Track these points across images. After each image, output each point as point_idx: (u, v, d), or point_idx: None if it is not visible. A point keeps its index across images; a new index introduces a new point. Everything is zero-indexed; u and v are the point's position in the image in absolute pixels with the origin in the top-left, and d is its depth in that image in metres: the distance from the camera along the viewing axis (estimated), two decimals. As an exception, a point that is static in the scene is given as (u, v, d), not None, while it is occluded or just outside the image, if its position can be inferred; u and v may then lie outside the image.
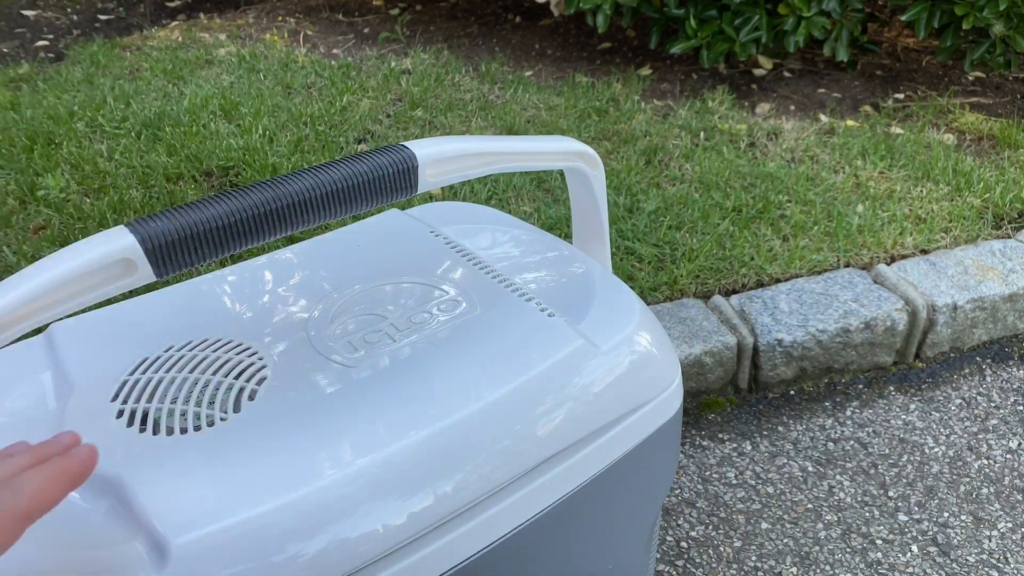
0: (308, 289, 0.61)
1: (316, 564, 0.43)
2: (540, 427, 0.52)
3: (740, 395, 1.33)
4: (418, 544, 0.47)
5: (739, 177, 1.70)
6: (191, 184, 1.67)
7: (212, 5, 3.00)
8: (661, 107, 2.09)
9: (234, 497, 0.43)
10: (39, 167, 1.73)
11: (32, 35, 2.79)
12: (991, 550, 1.06)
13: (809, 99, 2.18)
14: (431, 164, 0.50)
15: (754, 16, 2.07)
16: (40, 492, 0.37)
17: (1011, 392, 1.33)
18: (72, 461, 0.40)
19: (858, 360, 1.35)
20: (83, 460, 0.40)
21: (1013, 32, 1.95)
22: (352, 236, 0.70)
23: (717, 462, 1.20)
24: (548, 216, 1.54)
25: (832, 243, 1.49)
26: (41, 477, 0.38)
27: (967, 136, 1.96)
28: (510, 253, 0.67)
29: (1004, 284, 1.40)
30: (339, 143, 1.84)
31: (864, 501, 1.13)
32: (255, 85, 2.16)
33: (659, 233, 1.50)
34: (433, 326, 0.57)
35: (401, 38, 2.61)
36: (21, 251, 1.45)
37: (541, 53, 2.50)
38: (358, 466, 0.46)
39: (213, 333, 0.56)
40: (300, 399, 0.50)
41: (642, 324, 0.60)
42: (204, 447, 0.46)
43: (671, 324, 1.29)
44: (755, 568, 1.04)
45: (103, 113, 1.97)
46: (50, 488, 0.38)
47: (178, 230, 0.42)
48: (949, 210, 1.60)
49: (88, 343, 0.57)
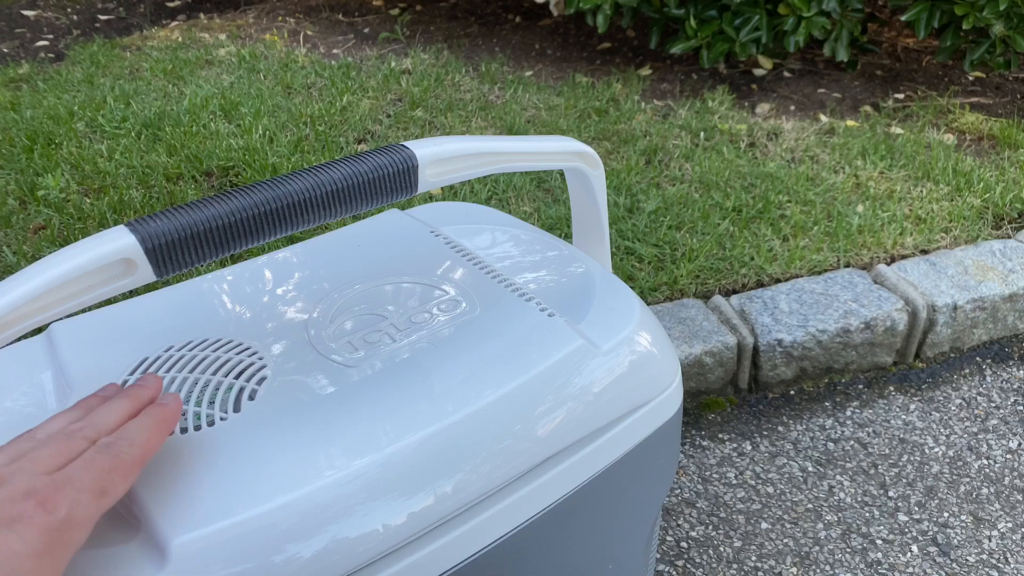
0: (308, 289, 0.61)
1: (316, 564, 0.43)
2: (540, 427, 0.52)
3: (740, 395, 1.33)
4: (418, 544, 0.47)
5: (739, 177, 1.70)
6: (191, 184, 1.67)
7: (212, 5, 3.00)
8: (661, 107, 2.09)
9: (234, 497, 0.43)
10: (39, 167, 1.73)
11: (32, 35, 2.79)
12: (991, 550, 1.06)
13: (809, 99, 2.18)
14: (431, 164, 0.50)
15: (754, 16, 2.07)
16: (149, 442, 0.41)
17: (1011, 392, 1.33)
18: (167, 410, 0.43)
19: (858, 360, 1.35)
20: (175, 409, 0.44)
21: (1013, 32, 1.95)
22: (352, 236, 0.70)
23: (717, 462, 1.20)
24: (548, 216, 1.54)
25: (832, 243, 1.49)
26: (148, 427, 0.41)
27: (967, 136, 1.96)
28: (510, 253, 0.67)
29: (1004, 284, 1.40)
30: (339, 143, 1.84)
31: (864, 501, 1.13)
32: (255, 85, 2.16)
33: (659, 233, 1.50)
34: (433, 326, 0.57)
35: (401, 38, 2.61)
36: (21, 251, 1.45)
37: (541, 53, 2.50)
38: (358, 466, 0.46)
39: (213, 333, 0.56)
40: (300, 399, 0.50)
41: (642, 324, 0.60)
42: (204, 447, 0.46)
43: (671, 324, 1.29)
44: (755, 568, 1.04)
45: (103, 113, 1.97)
46: (156, 437, 0.41)
47: (178, 230, 0.42)
48: (949, 210, 1.60)
49: (88, 343, 0.57)
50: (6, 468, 0.36)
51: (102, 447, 0.39)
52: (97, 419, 0.41)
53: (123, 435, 0.40)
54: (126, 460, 0.39)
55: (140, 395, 0.44)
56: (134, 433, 0.40)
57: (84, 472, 0.37)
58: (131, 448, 0.39)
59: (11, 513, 0.33)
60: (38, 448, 0.38)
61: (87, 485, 0.36)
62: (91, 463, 0.38)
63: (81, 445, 0.39)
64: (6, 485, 0.35)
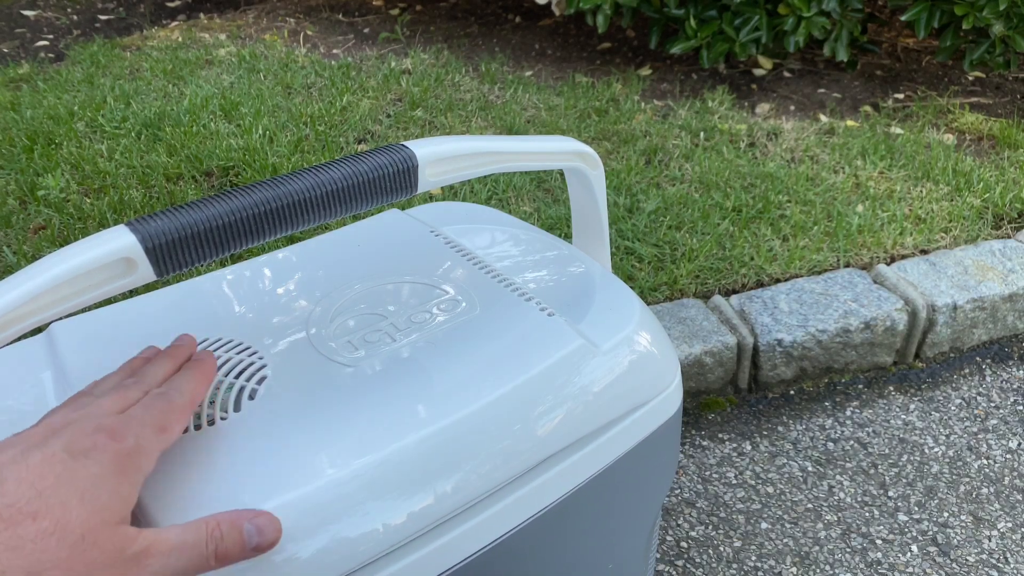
0: (308, 289, 0.62)
1: (316, 563, 0.43)
2: (540, 426, 0.52)
3: (740, 395, 1.33)
4: (418, 544, 0.47)
5: (739, 177, 1.70)
6: (191, 184, 1.67)
7: (212, 5, 3.00)
8: (661, 107, 2.09)
9: (234, 496, 0.43)
10: (39, 167, 1.73)
11: (32, 35, 2.79)
12: (991, 550, 1.06)
13: (809, 99, 2.18)
14: (431, 164, 0.50)
15: (754, 16, 2.07)
16: (195, 391, 0.45)
17: (1011, 392, 1.33)
18: (206, 364, 0.48)
19: (858, 360, 1.35)
20: (212, 363, 0.49)
21: (1013, 32, 1.95)
22: (352, 236, 0.70)
23: (717, 462, 1.20)
24: (548, 216, 1.54)
25: (832, 243, 1.49)
26: (193, 378, 0.46)
27: (967, 136, 1.96)
28: (510, 253, 0.67)
29: (1004, 284, 1.40)
30: (339, 143, 1.84)
31: (864, 501, 1.13)
32: (255, 85, 2.16)
33: (659, 233, 1.50)
34: (433, 326, 0.57)
35: (401, 38, 2.61)
36: (21, 251, 1.45)
37: (541, 53, 2.50)
38: (358, 465, 0.46)
39: (213, 333, 0.56)
40: (300, 398, 0.50)
41: (642, 324, 0.60)
42: (204, 446, 0.46)
43: (671, 324, 1.29)
44: (755, 568, 1.04)
45: (103, 113, 1.97)
46: (200, 387, 0.46)
47: (178, 230, 0.42)
48: (949, 210, 1.60)
49: (88, 343, 0.57)
50: (73, 414, 0.40)
51: (156, 395, 0.43)
52: (147, 374, 0.46)
53: (172, 385, 0.44)
54: (179, 404, 0.43)
55: (179, 353, 0.49)
56: (182, 383, 0.45)
57: (145, 412, 0.41)
58: (181, 395, 0.44)
59: (85, 445, 0.37)
60: (99, 399, 0.42)
61: (149, 422, 0.41)
62: (150, 406, 0.42)
63: (136, 395, 0.43)
64: (76, 424, 0.39)
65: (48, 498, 0.34)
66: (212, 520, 0.40)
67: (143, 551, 0.37)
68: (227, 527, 0.40)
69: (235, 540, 0.40)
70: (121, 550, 0.36)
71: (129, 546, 0.36)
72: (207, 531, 0.39)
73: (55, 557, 0.33)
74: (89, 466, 0.36)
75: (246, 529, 0.40)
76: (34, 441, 0.37)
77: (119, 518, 0.36)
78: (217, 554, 0.39)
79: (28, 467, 0.35)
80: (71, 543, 0.34)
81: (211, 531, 0.39)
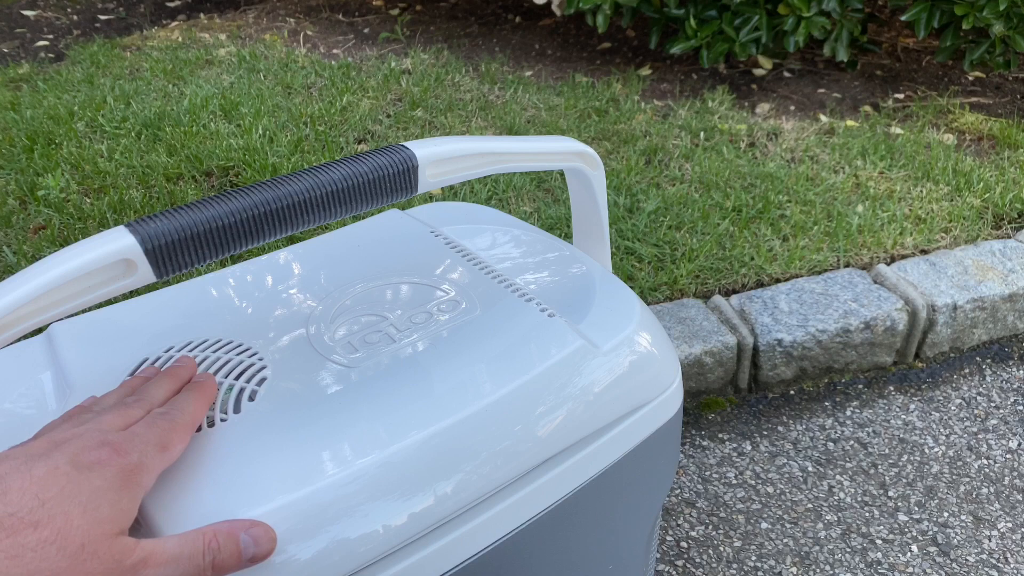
0: (308, 289, 0.61)
1: (316, 565, 0.43)
2: (540, 427, 0.52)
3: (740, 395, 1.33)
4: (418, 545, 0.47)
5: (739, 177, 1.70)
6: (191, 184, 1.67)
7: (212, 5, 3.00)
8: (661, 107, 2.09)
9: (234, 497, 0.43)
10: (39, 167, 1.73)
11: (32, 35, 2.79)
12: (991, 550, 1.06)
13: (809, 99, 2.18)
14: (431, 164, 0.50)
15: (754, 16, 2.07)
16: (196, 411, 0.46)
17: (1011, 392, 1.33)
18: (206, 386, 0.48)
19: (858, 360, 1.35)
20: (213, 385, 0.49)
21: (1013, 32, 1.95)
22: (352, 236, 0.69)
23: (717, 462, 1.20)
24: (548, 216, 1.54)
25: (832, 243, 1.49)
26: (194, 399, 0.46)
27: (967, 136, 1.96)
28: (510, 253, 0.67)
29: (1004, 284, 1.40)
30: (339, 143, 1.84)
31: (864, 501, 1.13)
32: (255, 85, 2.16)
33: (659, 233, 1.50)
34: (433, 326, 0.57)
35: (401, 38, 2.61)
36: (21, 251, 1.45)
37: (541, 53, 2.50)
38: (358, 466, 0.46)
39: (213, 334, 0.56)
40: (300, 400, 0.50)
41: (642, 324, 0.60)
42: (205, 447, 0.46)
43: (671, 324, 1.29)
44: (755, 568, 1.04)
45: (103, 113, 1.97)
46: (200, 408, 0.46)
47: (178, 230, 0.42)
48: (949, 210, 1.60)
49: (88, 343, 0.57)
50: (77, 428, 0.41)
51: (158, 414, 0.44)
52: (148, 393, 0.46)
53: (175, 405, 0.45)
54: (181, 423, 0.44)
55: (180, 374, 0.49)
56: (184, 403, 0.45)
57: (148, 430, 0.42)
58: (184, 415, 0.44)
59: (90, 459, 0.38)
60: (101, 414, 0.42)
61: (152, 440, 0.41)
62: (153, 424, 0.42)
63: (139, 413, 0.44)
64: (81, 438, 0.39)
65: (50, 508, 0.35)
66: (209, 531, 0.40)
67: (141, 562, 0.37)
68: (224, 538, 0.40)
69: (231, 551, 0.40)
70: (119, 561, 0.36)
71: (127, 557, 0.37)
72: (204, 542, 0.39)
73: (55, 566, 0.34)
74: (93, 479, 0.37)
75: (242, 540, 0.40)
76: (37, 453, 0.38)
77: (118, 530, 0.37)
78: (214, 565, 0.39)
79: (32, 477, 0.36)
80: (71, 553, 0.35)
81: (208, 542, 0.39)
